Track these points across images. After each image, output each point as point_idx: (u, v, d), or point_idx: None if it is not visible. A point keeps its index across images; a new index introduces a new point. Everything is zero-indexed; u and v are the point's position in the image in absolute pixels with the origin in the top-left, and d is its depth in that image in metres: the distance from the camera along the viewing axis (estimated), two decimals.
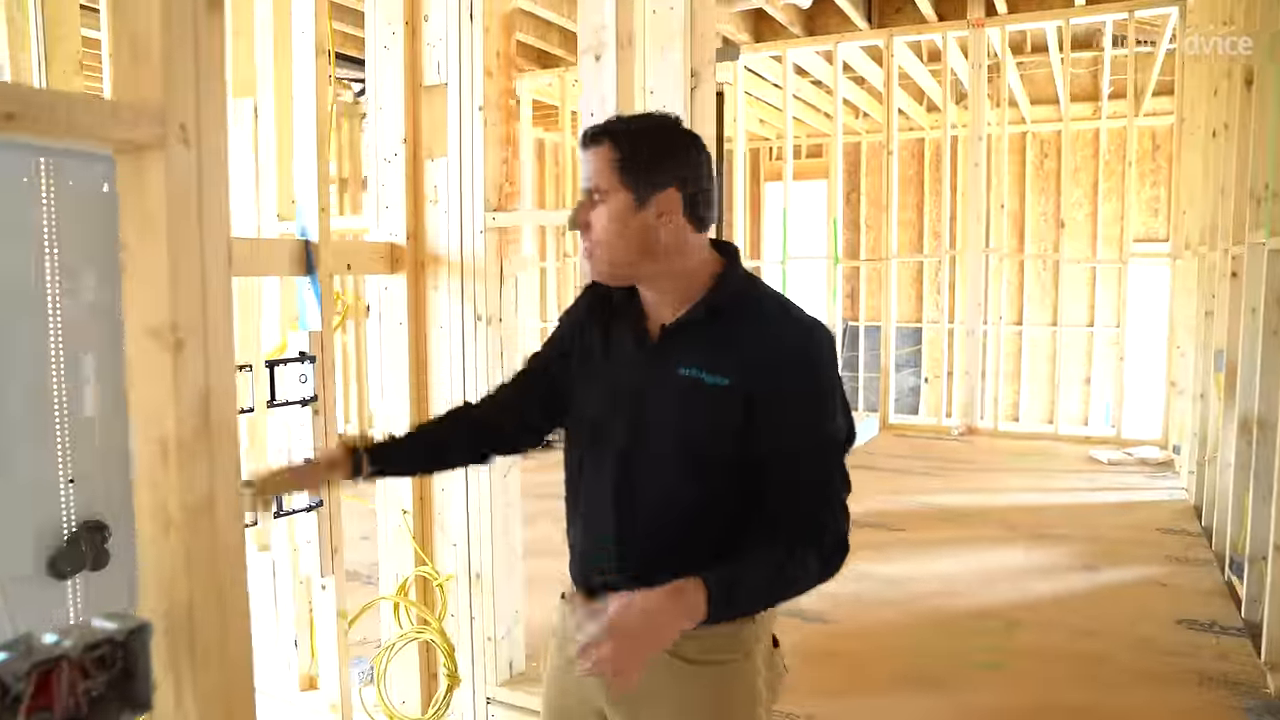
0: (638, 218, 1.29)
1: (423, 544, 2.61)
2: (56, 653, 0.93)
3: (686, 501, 1.34)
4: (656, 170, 1.28)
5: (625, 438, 1.37)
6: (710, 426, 1.30)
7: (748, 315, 1.32)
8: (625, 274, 1.35)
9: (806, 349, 1.30)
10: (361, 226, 2.89)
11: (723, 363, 1.29)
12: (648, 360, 1.36)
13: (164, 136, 0.97)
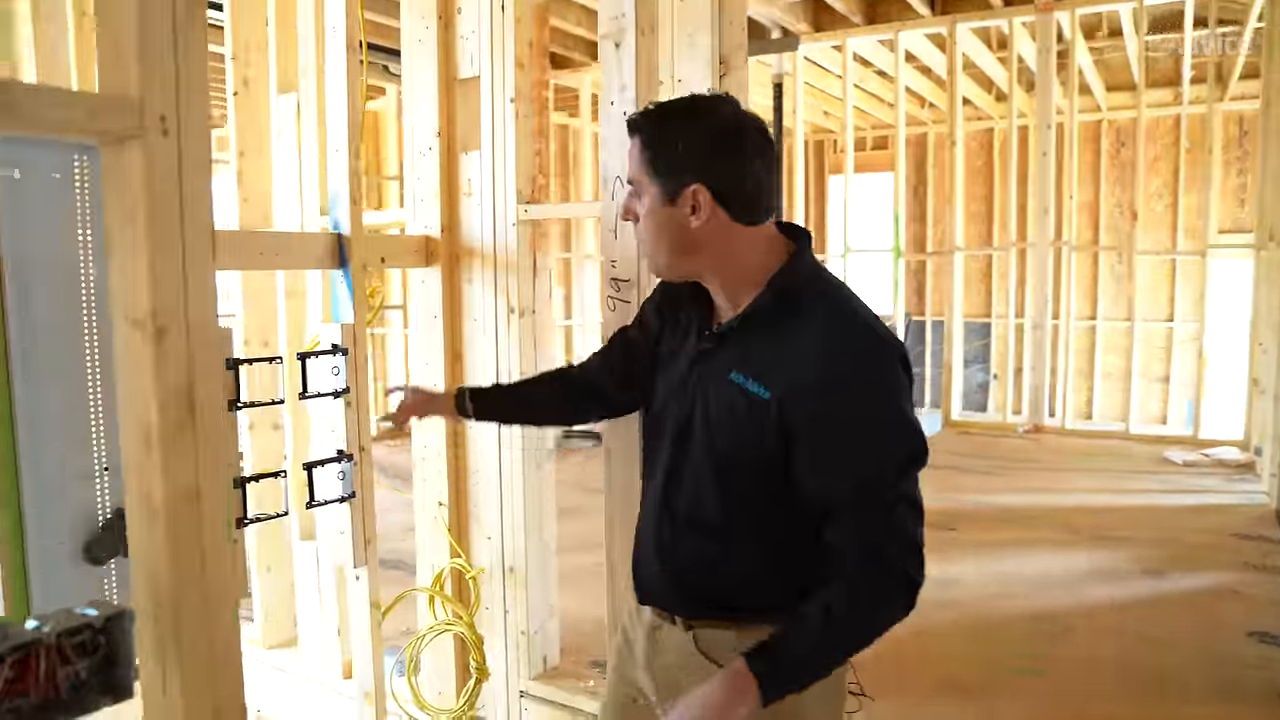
0: (669, 213, 1.26)
1: (458, 537, 2.62)
2: (31, 637, 0.94)
3: (721, 510, 1.32)
4: (684, 163, 1.24)
5: (674, 437, 1.36)
6: (746, 438, 1.25)
7: (802, 321, 1.24)
8: (675, 271, 1.33)
9: (860, 366, 1.21)
10: (401, 219, 2.91)
11: (765, 372, 1.24)
12: (701, 361, 1.33)
13: (142, 127, 0.97)
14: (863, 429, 1.20)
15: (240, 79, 3.00)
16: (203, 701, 1.07)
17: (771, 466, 1.24)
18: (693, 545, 1.35)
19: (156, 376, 1.01)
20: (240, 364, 2.01)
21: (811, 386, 1.20)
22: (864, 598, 1.20)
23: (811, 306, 1.25)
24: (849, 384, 1.20)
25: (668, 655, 1.39)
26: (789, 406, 1.21)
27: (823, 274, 1.32)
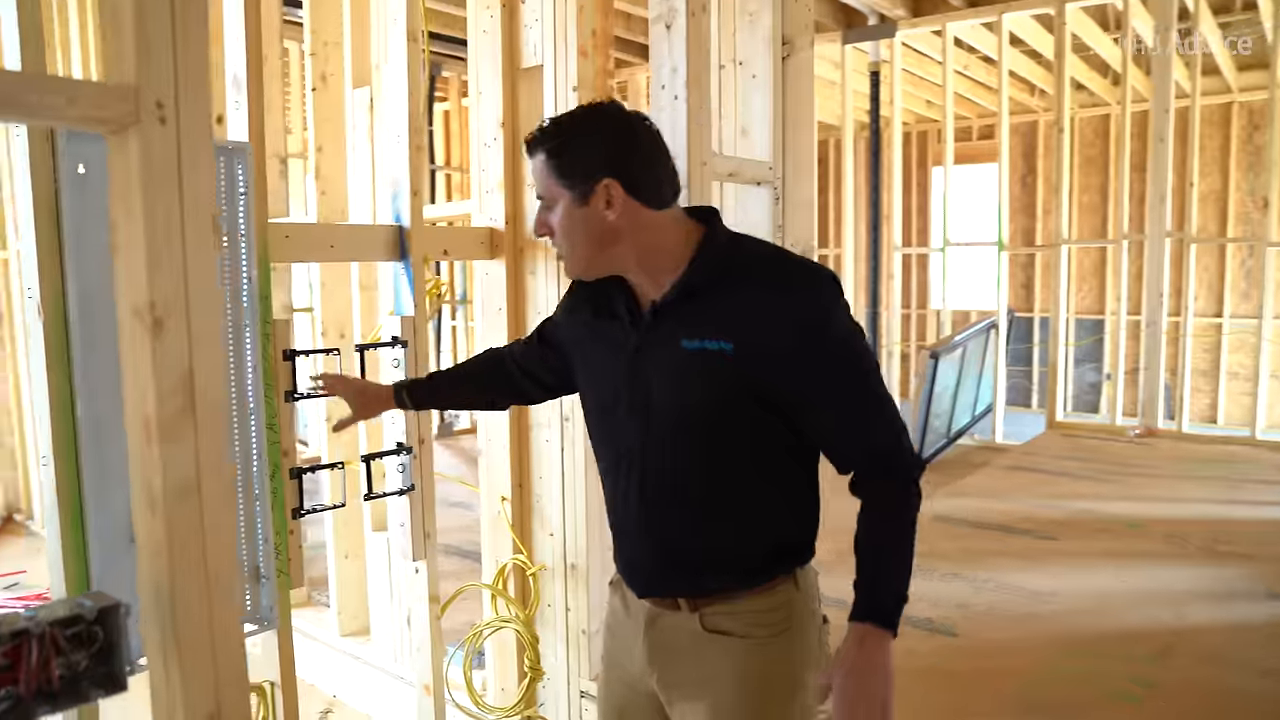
0: (584, 213, 1.31)
1: (521, 532, 2.60)
2: (23, 626, 0.94)
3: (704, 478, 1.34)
4: (586, 164, 1.29)
5: (635, 425, 1.37)
6: (716, 395, 1.29)
7: (740, 275, 1.30)
8: (597, 267, 1.37)
9: (810, 297, 1.28)
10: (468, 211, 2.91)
11: (719, 328, 1.28)
12: (644, 342, 1.35)
13: (137, 114, 0.96)
14: (834, 350, 1.27)
15: (319, 75, 3.05)
16: (202, 696, 1.05)
17: (748, 417, 1.29)
18: (683, 524, 1.36)
19: (155, 368, 0.99)
20: (297, 355, 2.03)
21: (771, 321, 1.25)
22: (900, 503, 1.30)
23: (742, 262, 1.32)
24: (808, 309, 1.26)
25: (672, 643, 1.39)
26: (753, 351, 1.25)
27: (740, 237, 1.39)
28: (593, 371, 1.46)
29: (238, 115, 1.91)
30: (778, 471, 1.35)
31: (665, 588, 1.40)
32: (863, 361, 1.29)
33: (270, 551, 1.95)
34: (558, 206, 1.32)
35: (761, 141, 1.96)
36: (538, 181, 1.34)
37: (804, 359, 1.25)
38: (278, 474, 1.97)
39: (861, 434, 1.30)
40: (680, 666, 1.38)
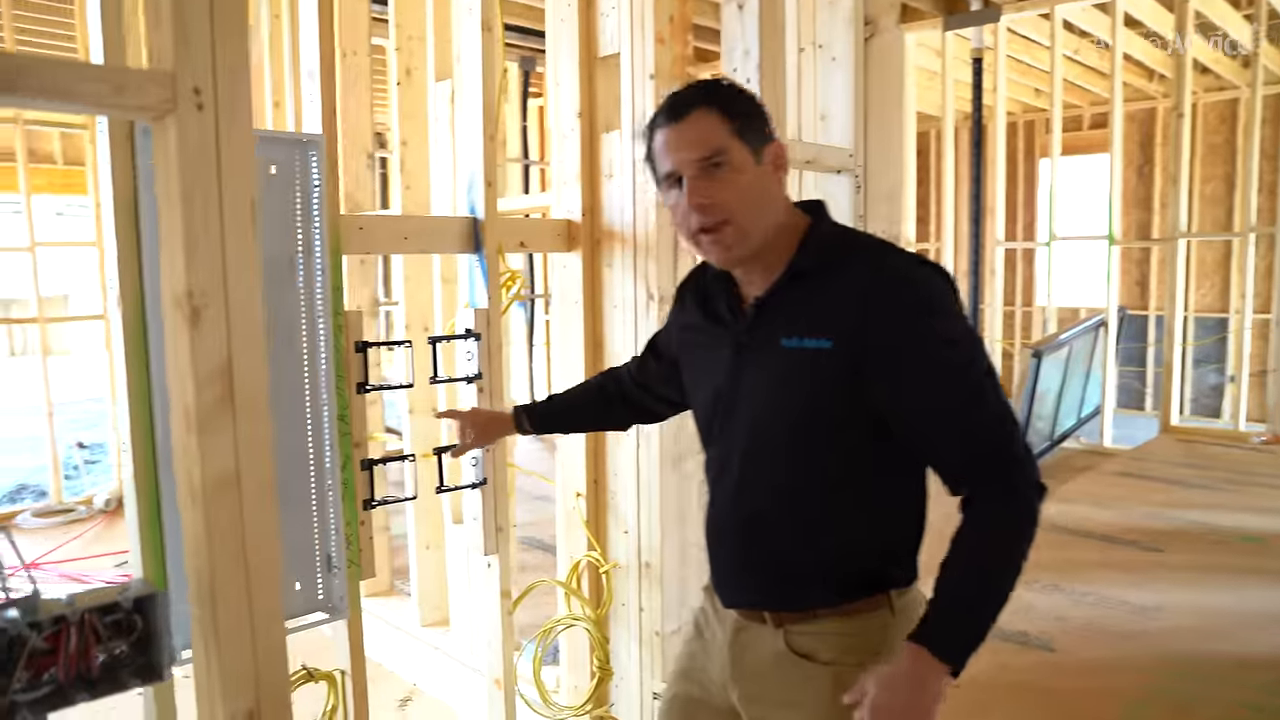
0: (759, 174, 1.22)
1: (596, 529, 2.57)
2: (61, 611, 0.94)
3: (802, 487, 1.26)
4: (760, 121, 1.22)
5: (735, 427, 1.30)
6: (817, 397, 1.21)
7: (843, 270, 1.21)
8: (757, 245, 1.24)
9: (917, 293, 1.17)
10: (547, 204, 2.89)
11: (821, 325, 1.19)
12: (745, 341, 1.28)
13: (174, 100, 0.94)
14: (940, 349, 1.17)
15: (403, 69, 3.07)
16: (242, 687, 1.04)
17: (846, 422, 1.21)
18: (771, 534, 1.29)
19: (193, 357, 0.97)
20: (368, 347, 2.04)
21: (872, 323, 1.16)
22: (1008, 525, 1.16)
23: (846, 256, 1.23)
24: (914, 306, 1.16)
25: (755, 658, 1.32)
26: (854, 349, 1.17)
27: (848, 230, 1.31)
28: (696, 375, 1.41)
29: (312, 108, 1.91)
30: (877, 484, 1.25)
31: (749, 599, 1.34)
32: (973, 363, 1.17)
33: (341, 542, 1.96)
34: (731, 166, 1.19)
35: (842, 127, 1.87)
36: (702, 139, 1.19)
37: (907, 358, 1.16)
38: (349, 465, 1.97)
39: (969, 443, 1.17)
40: (762, 685, 1.32)
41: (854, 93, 1.87)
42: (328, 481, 1.96)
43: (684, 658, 1.47)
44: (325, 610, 1.97)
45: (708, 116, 1.19)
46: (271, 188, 1.85)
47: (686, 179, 1.19)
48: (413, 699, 3.15)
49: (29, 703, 0.95)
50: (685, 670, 1.46)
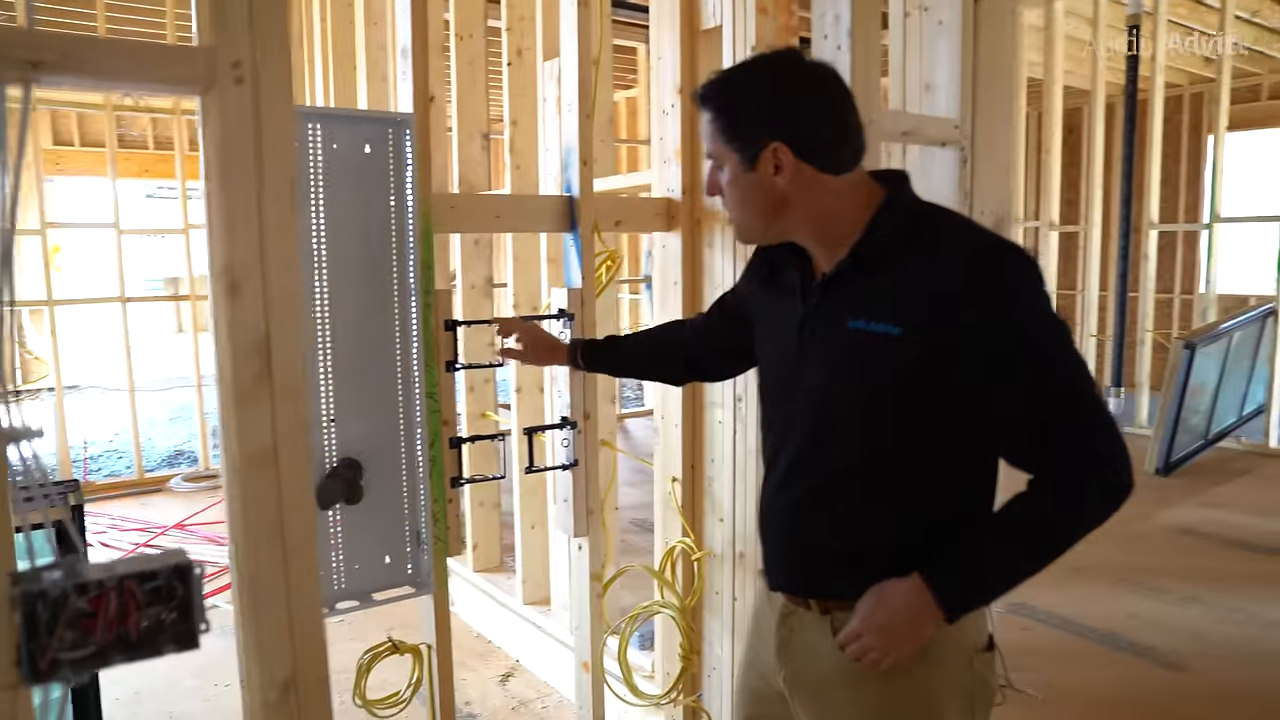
0: (753, 178, 1.20)
1: (692, 516, 2.52)
2: (103, 575, 0.96)
3: (855, 472, 1.21)
4: (755, 125, 1.18)
5: (795, 405, 1.27)
6: (880, 384, 1.16)
7: (917, 249, 1.15)
8: (768, 235, 1.27)
9: (992, 275, 1.10)
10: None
11: (889, 310, 1.13)
12: (811, 319, 1.24)
13: (214, 75, 0.94)
14: (1017, 336, 1.10)
15: (514, 49, 3.08)
16: (279, 658, 1.05)
17: (912, 410, 1.16)
18: (826, 517, 1.25)
19: (230, 331, 0.98)
20: (458, 326, 2.05)
21: (943, 309, 1.10)
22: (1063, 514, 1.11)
23: (921, 234, 1.17)
24: (985, 294, 1.10)
25: (800, 645, 1.29)
26: (923, 337, 1.12)
27: (927, 205, 1.23)
28: (764, 347, 1.38)
29: (404, 86, 1.93)
30: (935, 475, 1.19)
31: (794, 584, 1.31)
32: (1055, 357, 1.11)
33: (429, 519, 1.99)
34: (726, 168, 1.23)
35: (948, 97, 1.74)
36: (706, 138, 1.25)
37: (982, 347, 1.10)
38: (437, 443, 1.99)
39: (1048, 442, 1.11)
40: (806, 671, 1.29)
41: (962, 59, 1.73)
42: (417, 458, 1.99)
43: (748, 647, 1.46)
44: (413, 585, 2.00)
45: (708, 120, 1.22)
46: (366, 167, 1.87)
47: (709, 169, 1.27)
48: (514, 674, 3.19)
49: (70, 661, 0.98)
50: (749, 660, 1.44)
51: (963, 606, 1.15)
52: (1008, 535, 1.14)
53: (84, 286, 8.83)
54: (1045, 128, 7.21)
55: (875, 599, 1.18)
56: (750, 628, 1.47)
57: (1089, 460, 1.09)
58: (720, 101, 1.20)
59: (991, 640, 1.27)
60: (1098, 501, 1.10)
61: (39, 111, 9.20)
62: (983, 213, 1.78)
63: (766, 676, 1.38)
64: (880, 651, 1.17)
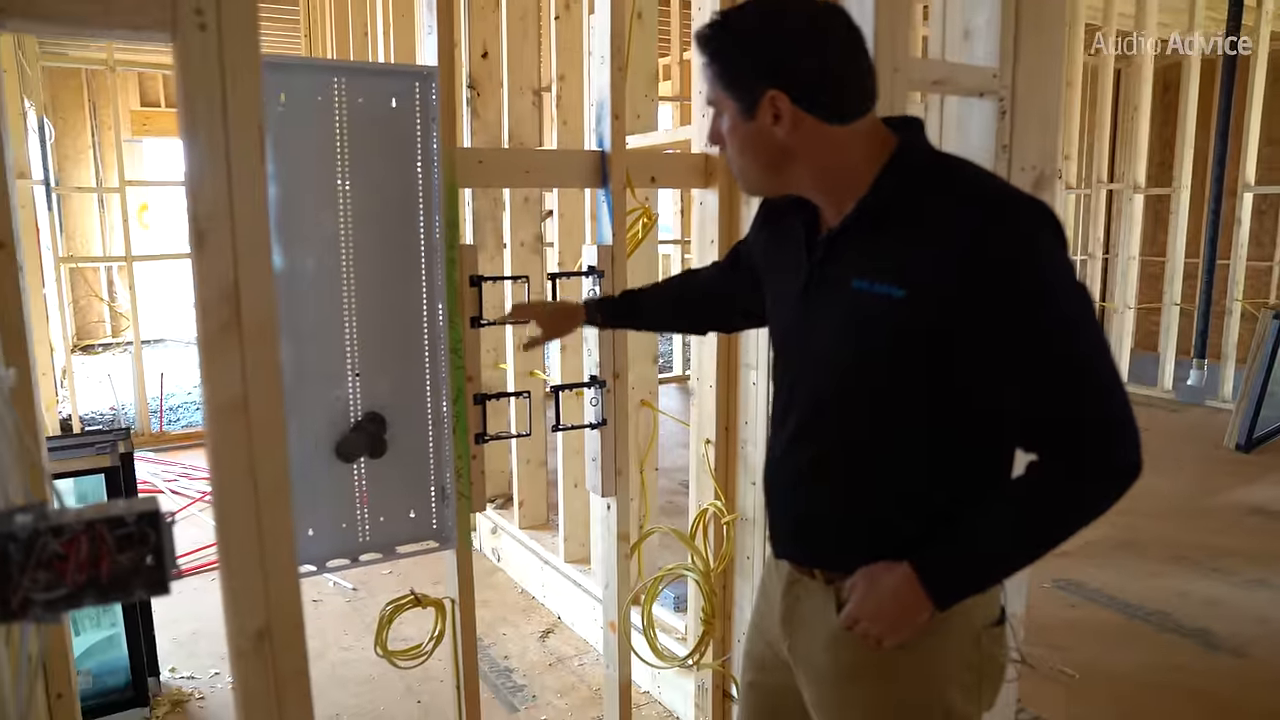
0: (752, 128, 1.13)
1: (725, 479, 2.48)
2: (73, 519, 0.98)
3: (858, 438, 1.16)
4: (753, 71, 1.11)
5: (799, 366, 1.23)
6: (880, 348, 1.10)
7: (928, 204, 1.08)
8: (770, 187, 1.20)
9: (1006, 231, 1.03)
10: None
11: (894, 271, 1.08)
12: (815, 277, 1.18)
13: (174, 20, 0.93)
14: (1030, 298, 1.02)
15: (562, 3, 3.03)
16: (254, 606, 1.06)
17: (913, 379, 1.10)
18: (827, 488, 1.20)
19: (201, 281, 0.98)
20: (483, 281, 2.03)
21: (951, 268, 1.03)
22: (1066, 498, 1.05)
23: (934, 187, 1.09)
24: (997, 252, 1.02)
25: (805, 613, 1.26)
26: (928, 299, 1.05)
27: (942, 157, 1.16)
28: (772, 304, 1.33)
29: (429, 39, 1.90)
30: (941, 446, 1.13)
31: (798, 553, 1.27)
32: (1071, 316, 1.03)
33: (453, 474, 2.00)
34: (725, 115, 1.17)
35: (987, 45, 1.64)
36: (706, 85, 1.18)
37: (991, 310, 1.02)
38: (461, 399, 1.99)
39: (1057, 407, 1.04)
40: (810, 642, 1.25)
41: (1003, 4, 1.63)
42: (443, 414, 1.99)
43: (754, 613, 1.43)
44: (437, 539, 2.02)
45: (706, 64, 1.15)
46: (392, 121, 1.86)
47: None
48: (554, 631, 3.22)
49: (43, 601, 1.00)
50: (755, 626, 1.42)
51: (954, 596, 1.11)
52: (1003, 521, 1.08)
53: (171, 244, 9.14)
54: (1131, 84, 6.85)
55: (865, 585, 1.14)
56: (758, 594, 1.44)
57: (1096, 438, 1.02)
58: (715, 45, 1.13)
59: (1003, 613, 1.22)
60: (1102, 484, 1.03)
61: (124, 74, 9.51)
62: (1022, 169, 1.68)
63: (772, 644, 1.35)
64: (878, 636, 1.14)
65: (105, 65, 5.95)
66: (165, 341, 10.14)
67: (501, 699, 2.76)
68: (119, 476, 2.45)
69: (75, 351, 9.44)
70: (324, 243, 1.82)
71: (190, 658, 3.01)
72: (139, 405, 5.73)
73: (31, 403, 1.54)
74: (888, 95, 1.49)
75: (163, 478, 4.95)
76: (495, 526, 3.88)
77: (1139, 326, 7.46)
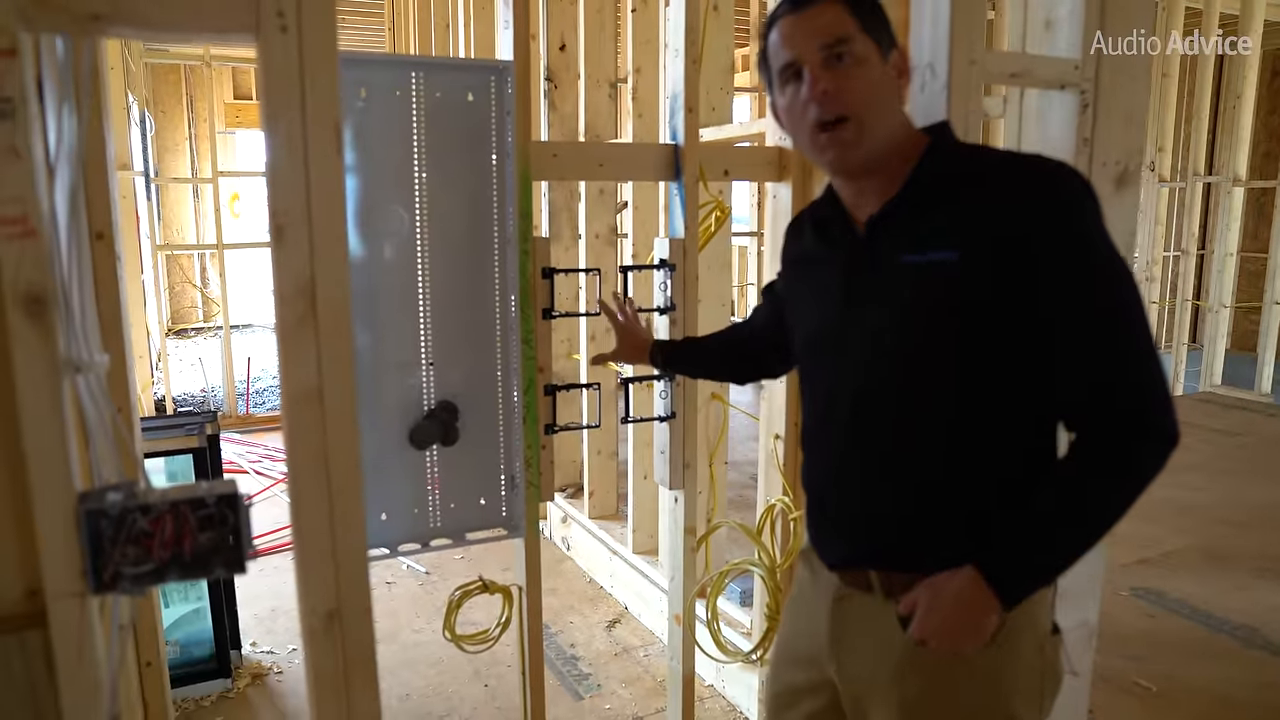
0: (885, 73, 1.12)
1: (793, 474, 2.47)
2: (158, 498, 1.03)
3: (926, 427, 1.12)
4: (885, 22, 1.14)
5: (850, 359, 1.18)
6: (942, 318, 1.07)
7: (972, 177, 1.08)
8: (879, 149, 1.13)
9: (1057, 192, 1.03)
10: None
11: (944, 237, 1.07)
12: (859, 262, 1.16)
13: (258, 22, 0.97)
14: (1073, 258, 1.02)
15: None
16: (324, 590, 1.10)
17: (979, 352, 1.07)
18: (885, 481, 1.16)
19: (278, 275, 1.01)
20: (555, 274, 2.06)
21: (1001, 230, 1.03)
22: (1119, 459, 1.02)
23: (974, 166, 1.10)
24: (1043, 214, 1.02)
25: (859, 631, 1.20)
26: (981, 260, 1.04)
27: (975, 145, 1.20)
28: (802, 308, 1.30)
29: (505, 34, 1.93)
30: (1008, 430, 1.10)
31: (857, 558, 1.21)
32: (1123, 280, 1.03)
33: (523, 463, 2.03)
34: (855, 58, 1.09)
35: (1069, 35, 1.59)
36: (828, 26, 1.09)
37: (1051, 256, 1.02)
38: (532, 389, 2.02)
39: (1107, 369, 1.02)
40: (866, 661, 1.20)
41: None
42: (514, 404, 2.03)
43: (782, 635, 1.38)
44: (506, 527, 2.06)
45: (833, 6, 1.10)
46: (468, 114, 1.90)
47: (808, 69, 1.10)
48: (621, 621, 3.25)
49: (131, 575, 1.05)
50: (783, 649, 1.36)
51: (1020, 591, 1.07)
52: (1056, 504, 1.04)
53: (259, 232, 9.46)
54: (1235, 70, 6.55)
55: (930, 596, 1.09)
56: (788, 615, 1.37)
57: (1153, 403, 1.01)
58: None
59: (1056, 625, 1.19)
60: (1145, 447, 1.01)
61: (219, 68, 9.85)
62: (1104, 164, 1.62)
63: (809, 671, 1.28)
64: (950, 648, 1.09)
65: (202, 60, 6.18)
66: (253, 326, 10.50)
67: (567, 686, 2.80)
68: (205, 457, 2.55)
69: (170, 335, 9.84)
70: (400, 234, 1.87)
71: (269, 634, 3.13)
72: (227, 388, 5.95)
73: (126, 386, 1.61)
74: (964, 89, 1.45)
75: (247, 459, 5.13)
76: (565, 515, 3.93)
77: (1236, 326, 7.14)
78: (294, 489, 1.08)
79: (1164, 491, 3.18)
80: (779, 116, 1.21)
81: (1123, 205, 1.70)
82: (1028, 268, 1.02)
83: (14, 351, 0.93)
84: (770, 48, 1.17)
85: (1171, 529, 3.52)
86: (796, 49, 1.11)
